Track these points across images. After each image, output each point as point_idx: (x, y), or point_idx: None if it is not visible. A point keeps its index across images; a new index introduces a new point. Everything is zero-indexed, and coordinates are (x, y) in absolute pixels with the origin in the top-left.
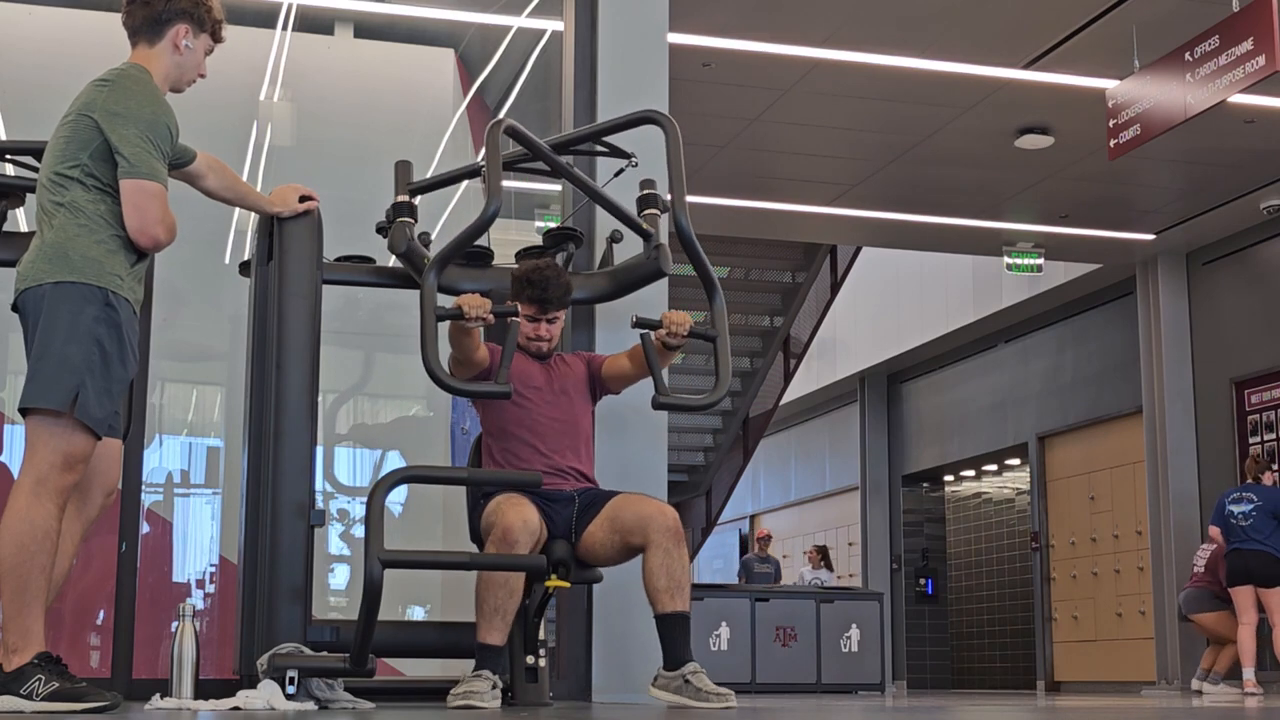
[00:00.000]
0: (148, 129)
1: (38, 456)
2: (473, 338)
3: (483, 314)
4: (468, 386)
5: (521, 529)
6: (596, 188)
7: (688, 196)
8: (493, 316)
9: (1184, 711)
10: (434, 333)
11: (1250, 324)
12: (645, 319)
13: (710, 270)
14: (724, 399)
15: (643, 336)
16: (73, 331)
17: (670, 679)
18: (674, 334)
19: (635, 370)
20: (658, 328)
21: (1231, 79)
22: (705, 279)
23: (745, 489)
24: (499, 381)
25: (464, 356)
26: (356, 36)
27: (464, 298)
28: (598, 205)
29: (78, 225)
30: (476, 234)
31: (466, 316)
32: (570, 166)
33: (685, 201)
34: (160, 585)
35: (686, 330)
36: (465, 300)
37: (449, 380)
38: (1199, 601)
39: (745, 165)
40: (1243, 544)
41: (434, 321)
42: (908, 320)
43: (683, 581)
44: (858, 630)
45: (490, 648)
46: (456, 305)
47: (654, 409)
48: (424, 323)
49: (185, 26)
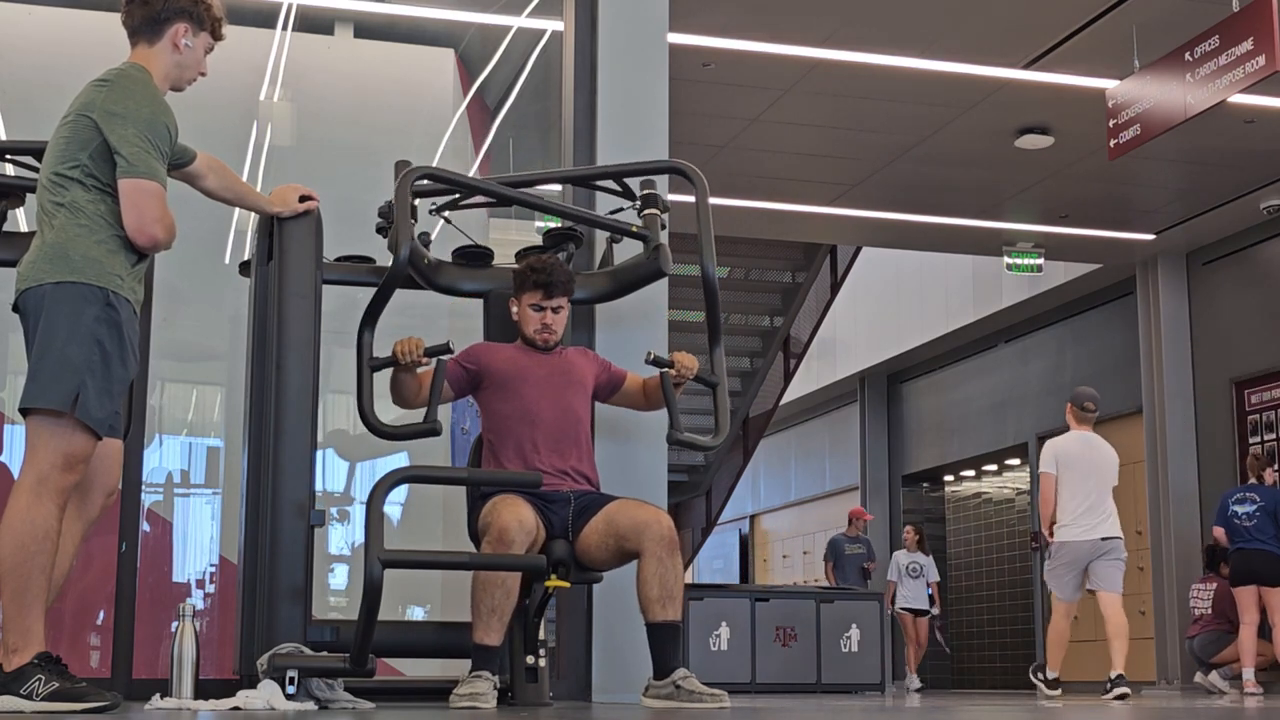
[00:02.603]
0: (146, 128)
1: (38, 456)
2: (415, 379)
3: (415, 356)
4: (400, 431)
5: (517, 529)
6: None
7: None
8: (425, 357)
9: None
10: (369, 383)
11: (1250, 324)
12: (659, 358)
13: (720, 322)
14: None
15: (662, 375)
16: (73, 332)
17: (660, 687)
18: (682, 375)
19: (646, 403)
20: (670, 367)
21: (1231, 79)
22: (713, 328)
23: (745, 489)
24: (429, 420)
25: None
26: (356, 36)
27: (397, 342)
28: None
29: (78, 225)
30: (390, 287)
31: (401, 361)
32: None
33: (713, 252)
34: (160, 585)
35: (693, 374)
36: (398, 345)
37: (381, 427)
38: (1217, 644)
39: (745, 165)
40: (1246, 544)
41: (369, 373)
42: (908, 320)
43: (675, 591)
44: (858, 630)
45: (487, 648)
46: (392, 353)
47: (669, 443)
48: (359, 374)
49: (184, 25)
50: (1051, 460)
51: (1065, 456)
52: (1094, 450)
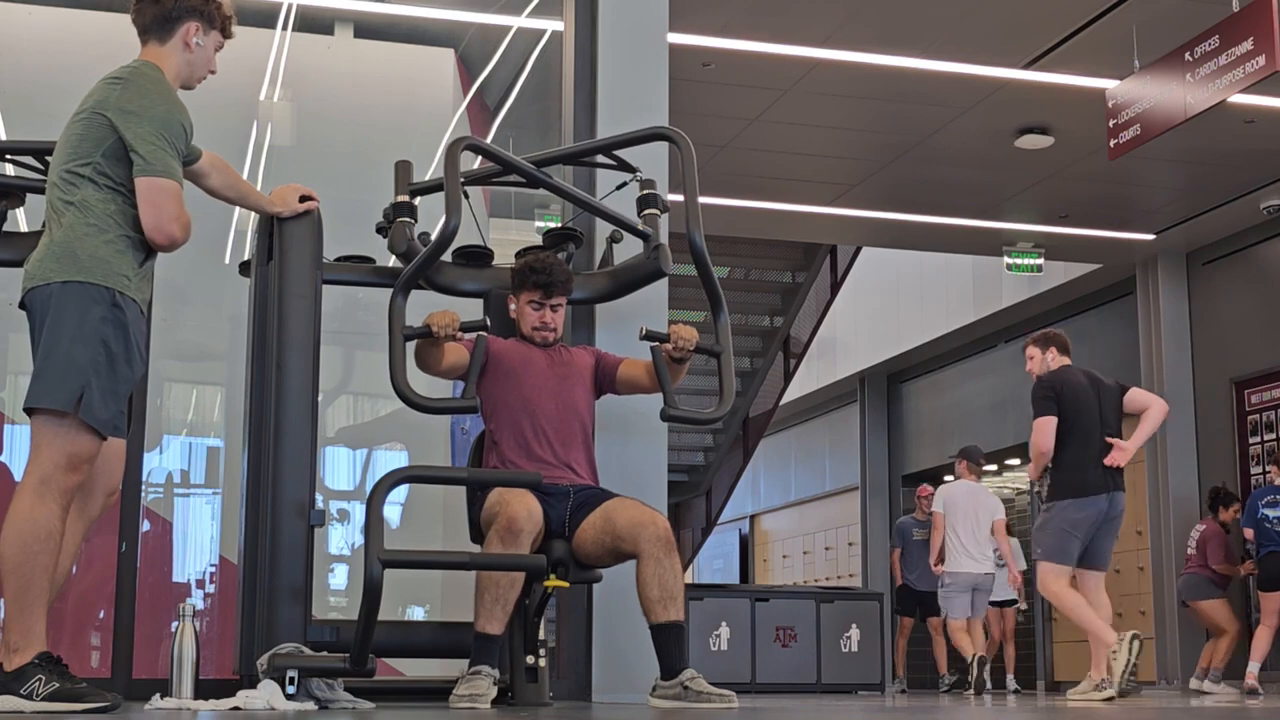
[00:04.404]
0: (163, 126)
1: (42, 456)
2: (440, 351)
3: (451, 331)
4: (437, 405)
5: (526, 519)
6: (580, 195)
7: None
8: (461, 333)
9: (1184, 711)
10: (402, 354)
11: (1250, 324)
12: (654, 332)
13: (718, 288)
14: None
15: (653, 350)
16: (79, 332)
17: (669, 688)
18: (681, 348)
19: (649, 382)
20: (665, 341)
21: (1231, 79)
22: (712, 297)
23: (745, 489)
24: (467, 396)
25: (433, 370)
26: (356, 36)
27: (432, 315)
28: (587, 212)
29: (86, 224)
30: (438, 252)
31: (435, 335)
32: (550, 177)
33: (699, 218)
34: (160, 585)
35: (694, 345)
36: (434, 318)
37: (418, 400)
38: (1195, 588)
39: (745, 165)
40: (1277, 548)
41: (401, 342)
42: (908, 320)
43: (675, 591)
44: (858, 630)
45: (489, 637)
46: (425, 324)
47: (662, 420)
48: (392, 344)
49: (195, 24)
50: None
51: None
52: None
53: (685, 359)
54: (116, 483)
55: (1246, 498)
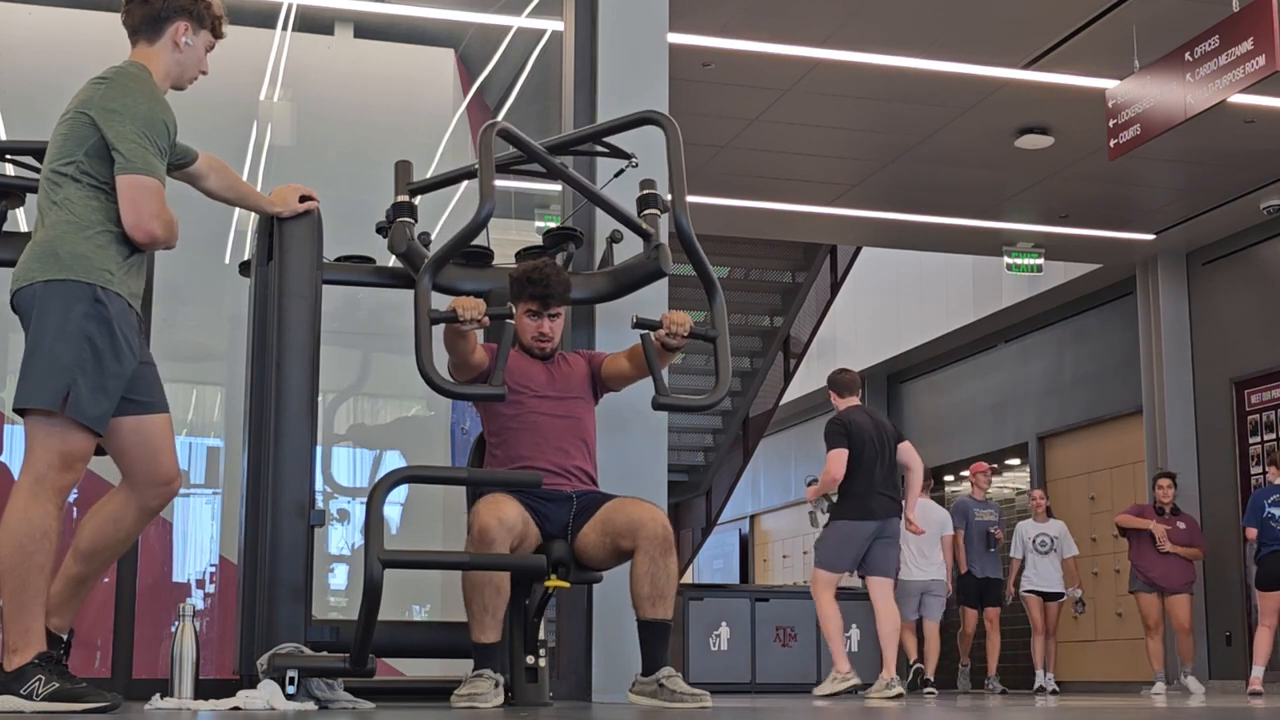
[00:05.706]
0: (144, 125)
1: (35, 456)
2: (468, 340)
3: (477, 316)
4: (462, 389)
5: (497, 527)
6: (594, 188)
7: (688, 196)
8: (488, 319)
9: (1184, 711)
10: (428, 336)
11: (1250, 324)
12: (645, 319)
13: (710, 271)
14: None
15: (643, 337)
16: (62, 330)
17: (646, 684)
18: (674, 334)
19: (634, 370)
20: (657, 328)
21: (1231, 79)
22: (705, 279)
23: (745, 489)
24: (494, 384)
25: (460, 359)
26: (356, 36)
27: (459, 300)
28: (596, 206)
29: (67, 223)
30: (471, 236)
31: (461, 319)
32: (566, 168)
33: (686, 202)
34: (160, 585)
35: (686, 331)
36: (460, 303)
37: (443, 383)
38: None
39: (745, 165)
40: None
41: (428, 324)
42: (908, 320)
43: (666, 590)
44: (858, 630)
45: (486, 645)
46: (451, 308)
47: (654, 409)
48: (418, 326)
49: (184, 24)
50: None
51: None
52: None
53: (677, 346)
54: (166, 471)
55: (1247, 498)
